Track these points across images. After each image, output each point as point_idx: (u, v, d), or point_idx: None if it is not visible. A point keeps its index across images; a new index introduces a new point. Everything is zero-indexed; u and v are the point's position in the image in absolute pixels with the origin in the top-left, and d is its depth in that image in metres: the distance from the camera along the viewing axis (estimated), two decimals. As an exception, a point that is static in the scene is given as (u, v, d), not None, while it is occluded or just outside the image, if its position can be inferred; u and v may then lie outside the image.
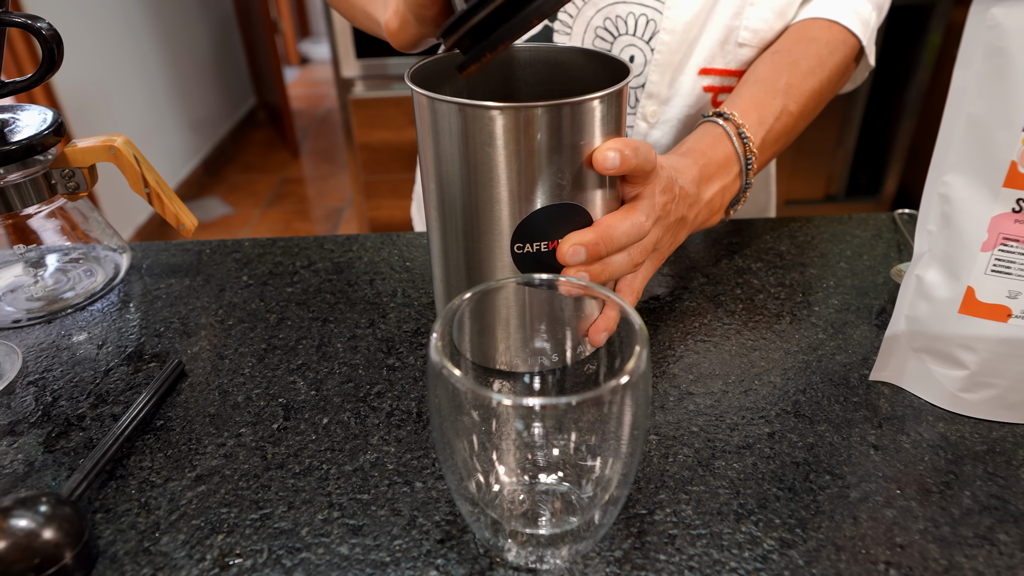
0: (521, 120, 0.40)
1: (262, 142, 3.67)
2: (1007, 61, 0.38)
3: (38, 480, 0.44)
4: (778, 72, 0.65)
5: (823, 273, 0.62)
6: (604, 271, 0.47)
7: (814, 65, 0.66)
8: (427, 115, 0.43)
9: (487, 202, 0.43)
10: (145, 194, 0.59)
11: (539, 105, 0.40)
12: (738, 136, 0.59)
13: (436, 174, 0.45)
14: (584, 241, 0.44)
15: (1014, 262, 0.42)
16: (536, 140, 0.41)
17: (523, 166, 0.42)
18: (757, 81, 0.65)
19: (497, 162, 0.42)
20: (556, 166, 0.42)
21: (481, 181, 0.43)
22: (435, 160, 0.44)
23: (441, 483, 0.43)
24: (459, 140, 0.42)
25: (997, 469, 0.43)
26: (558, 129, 0.41)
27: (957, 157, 0.42)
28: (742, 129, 0.59)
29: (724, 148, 0.59)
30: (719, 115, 0.61)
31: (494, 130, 0.41)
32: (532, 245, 0.44)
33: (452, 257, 0.47)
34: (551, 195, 0.43)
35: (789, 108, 0.64)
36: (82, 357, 0.55)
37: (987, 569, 0.37)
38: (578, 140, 0.42)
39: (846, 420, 0.47)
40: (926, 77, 2.26)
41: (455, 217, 0.45)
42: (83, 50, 2.30)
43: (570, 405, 0.30)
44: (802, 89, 0.65)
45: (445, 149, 0.43)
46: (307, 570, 0.38)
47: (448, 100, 0.41)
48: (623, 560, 0.38)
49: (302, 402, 0.50)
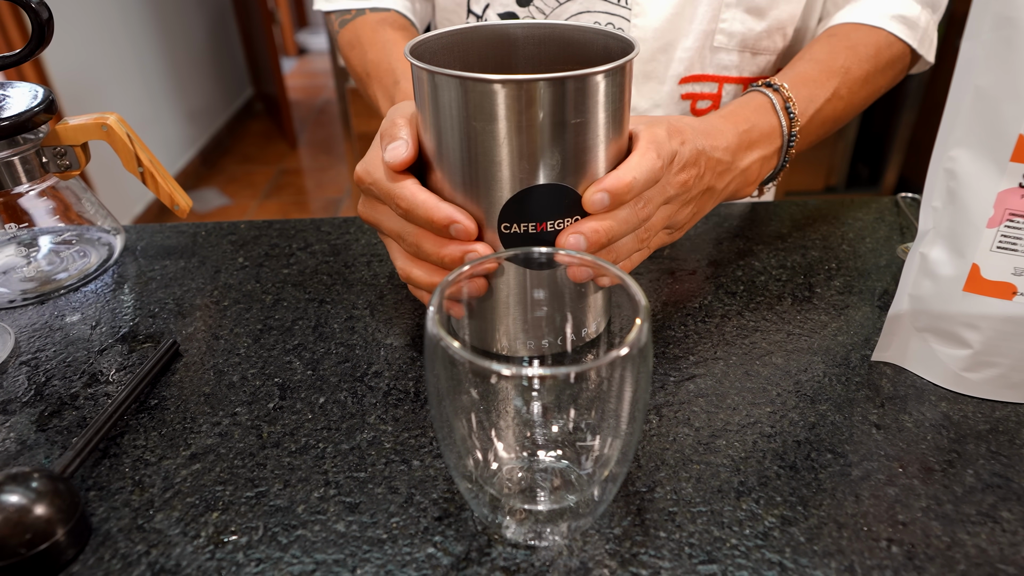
0: (520, 93, 0.39)
1: (260, 133, 3.66)
2: (1016, 31, 0.37)
3: (31, 458, 0.43)
4: (835, 53, 0.62)
5: (825, 255, 0.62)
6: (611, 255, 0.46)
7: (872, 53, 0.64)
8: (426, 89, 0.42)
9: (481, 178, 0.42)
10: (139, 173, 0.59)
11: (539, 78, 0.39)
12: (784, 110, 0.56)
13: (436, 151, 0.44)
14: (585, 231, 0.43)
15: (1020, 238, 0.41)
16: (534, 114, 0.40)
17: (519, 141, 0.41)
18: (812, 59, 0.62)
19: (494, 136, 0.41)
20: (553, 143, 0.41)
21: (475, 157, 0.42)
22: (434, 136, 0.43)
23: (439, 462, 0.42)
24: (456, 113, 0.41)
25: (1000, 448, 0.43)
26: (558, 104, 0.40)
27: (963, 131, 0.41)
28: (789, 104, 0.57)
29: (769, 119, 0.56)
30: (768, 85, 0.58)
31: (492, 103, 0.40)
32: (520, 226, 0.43)
33: None
34: (544, 174, 0.42)
35: (841, 92, 0.61)
36: (75, 337, 0.54)
37: (990, 546, 0.37)
38: (577, 117, 0.41)
39: (848, 400, 0.46)
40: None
41: (448, 196, 0.44)
42: (78, 38, 2.29)
43: (569, 376, 0.30)
44: (856, 75, 0.62)
45: (442, 124, 0.42)
46: (303, 547, 0.37)
47: (446, 73, 0.40)
48: (622, 537, 0.37)
49: (298, 382, 0.49)
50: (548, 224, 0.43)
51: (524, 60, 0.50)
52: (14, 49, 0.49)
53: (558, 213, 0.43)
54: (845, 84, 0.61)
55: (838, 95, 0.61)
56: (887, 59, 0.65)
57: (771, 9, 0.65)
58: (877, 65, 0.64)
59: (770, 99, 0.57)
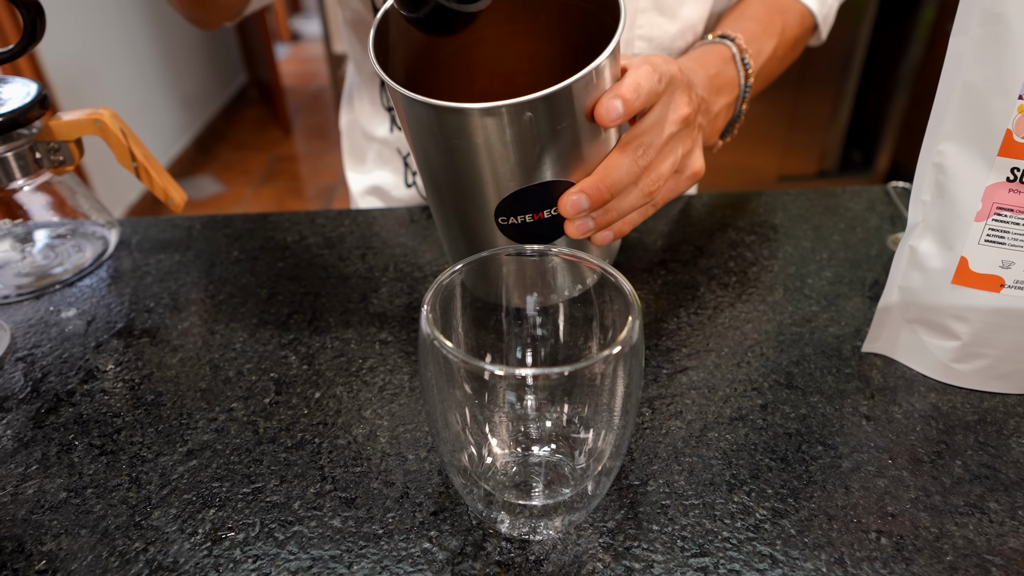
0: (494, 120, 0.38)
1: (254, 119, 3.64)
2: (1004, 27, 0.37)
3: (27, 456, 0.44)
4: (771, 14, 0.64)
5: (816, 246, 0.62)
6: (613, 214, 0.43)
7: (798, 20, 0.66)
8: (402, 108, 0.41)
9: (467, 183, 0.42)
10: (133, 168, 0.58)
11: (512, 104, 0.37)
12: (742, 62, 0.57)
13: (420, 156, 0.43)
14: (585, 188, 0.41)
15: (1008, 232, 0.42)
16: (510, 134, 0.39)
17: (499, 158, 0.40)
18: (753, 17, 0.63)
19: (472, 154, 0.40)
20: (536, 154, 0.40)
21: (458, 167, 0.41)
22: (416, 143, 0.43)
23: (434, 456, 0.43)
24: (432, 132, 0.40)
25: (988, 439, 0.43)
26: (534, 120, 0.38)
27: (952, 126, 0.41)
28: (745, 55, 0.57)
29: (730, 68, 0.57)
30: (724, 36, 0.59)
31: (466, 127, 0.39)
32: (516, 218, 0.43)
33: (450, 226, 0.47)
34: (531, 178, 0.41)
35: (778, 52, 0.63)
36: (71, 333, 0.54)
37: (977, 537, 0.37)
38: (559, 124, 0.39)
39: (838, 391, 0.47)
40: (919, 53, 2.25)
41: (442, 193, 0.44)
42: (70, 26, 2.27)
43: (563, 375, 0.30)
44: (789, 37, 0.64)
45: (421, 135, 0.41)
46: (299, 543, 0.38)
47: (418, 99, 0.38)
48: (616, 530, 0.38)
49: (294, 376, 0.49)
50: (545, 212, 0.43)
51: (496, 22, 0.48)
52: (9, 44, 0.48)
53: (554, 201, 0.43)
54: (782, 45, 0.63)
55: (776, 55, 0.63)
56: (806, 29, 0.68)
57: (680, 8, 0.65)
58: (801, 31, 0.67)
59: (731, 49, 0.58)
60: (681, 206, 0.69)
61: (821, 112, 2.36)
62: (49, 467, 0.43)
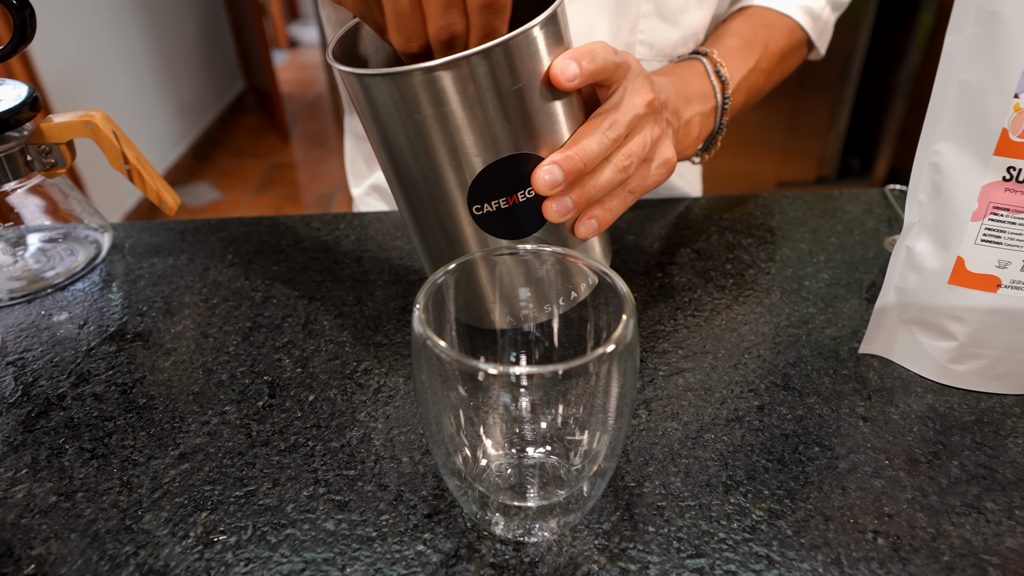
0: (455, 75, 0.37)
1: (252, 127, 3.64)
2: (1000, 25, 0.37)
3: (17, 460, 0.43)
4: (754, 29, 0.64)
5: (813, 248, 0.62)
6: (590, 190, 0.43)
7: (785, 34, 0.67)
8: (357, 92, 0.40)
9: (440, 170, 0.40)
10: (125, 171, 0.58)
11: (469, 54, 0.36)
12: (716, 74, 0.58)
13: (385, 149, 0.42)
14: (556, 159, 0.40)
15: (1004, 231, 0.42)
16: (469, 95, 0.37)
17: (465, 124, 0.38)
18: (734, 33, 0.64)
19: (438, 125, 0.39)
20: (501, 115, 0.39)
21: (429, 149, 0.40)
22: (379, 136, 0.42)
23: (428, 458, 0.42)
24: (395, 110, 0.39)
25: (985, 439, 0.43)
26: (491, 76, 0.37)
27: (948, 125, 0.41)
28: (719, 67, 0.58)
29: (701, 80, 0.57)
30: (697, 52, 0.59)
31: (426, 93, 0.38)
32: (491, 204, 0.41)
33: (427, 232, 0.45)
34: (502, 147, 0.40)
35: (761, 65, 0.63)
36: (63, 337, 0.54)
37: (974, 537, 0.37)
38: (518, 81, 0.38)
39: (835, 392, 0.47)
40: (917, 59, 2.26)
41: (416, 190, 0.43)
42: (67, 32, 2.27)
43: (556, 373, 0.30)
44: (773, 51, 0.64)
45: (385, 123, 0.40)
46: (292, 546, 0.37)
47: (372, 73, 0.38)
48: (611, 532, 0.38)
49: (288, 379, 0.49)
50: (519, 195, 0.41)
51: None
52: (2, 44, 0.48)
53: (526, 181, 0.41)
54: (765, 58, 0.64)
55: (759, 68, 0.63)
56: (795, 42, 0.68)
57: (683, 15, 0.65)
58: (789, 45, 0.67)
59: (702, 63, 0.58)
60: (679, 209, 0.69)
61: (820, 118, 2.37)
62: (39, 471, 0.42)
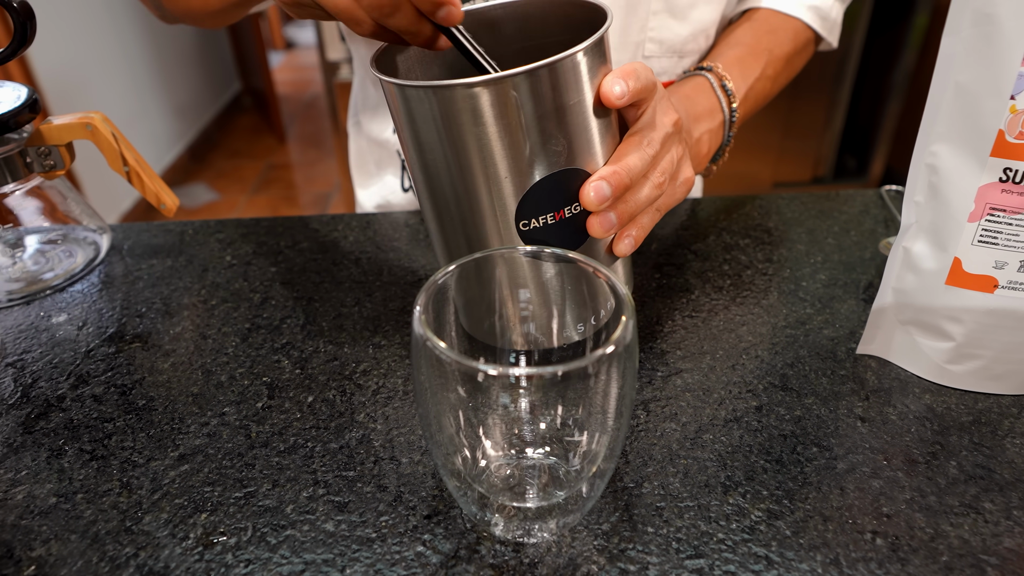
0: (501, 93, 0.38)
1: (248, 127, 3.63)
2: (995, 27, 0.38)
3: (17, 462, 0.43)
4: (758, 36, 0.65)
5: (811, 249, 0.62)
6: (631, 205, 0.43)
7: (790, 36, 0.67)
8: (398, 103, 0.41)
9: (481, 185, 0.41)
10: (124, 173, 0.58)
11: (516, 73, 0.37)
12: (721, 88, 0.59)
13: (420, 162, 0.42)
14: (604, 175, 0.41)
15: (1000, 232, 0.42)
16: (522, 111, 0.39)
17: (512, 141, 0.39)
18: (739, 43, 0.64)
19: (484, 143, 0.39)
20: (549, 133, 0.40)
21: (470, 164, 0.40)
22: (416, 149, 0.42)
23: (428, 459, 0.42)
24: (438, 125, 0.39)
25: (983, 439, 0.43)
26: (543, 94, 0.38)
27: (944, 127, 0.42)
28: (725, 81, 0.59)
29: (707, 96, 0.58)
30: (701, 68, 0.60)
31: (474, 109, 0.38)
32: (539, 219, 0.42)
33: (454, 245, 0.45)
34: (548, 164, 0.41)
35: (767, 72, 0.64)
36: (62, 338, 0.54)
37: (972, 537, 0.37)
38: (567, 100, 0.39)
39: (833, 393, 0.47)
40: (912, 59, 2.26)
41: (449, 205, 0.43)
42: (64, 34, 2.27)
43: (556, 375, 0.30)
44: (779, 56, 0.65)
45: (425, 136, 0.41)
46: (292, 547, 0.37)
47: (417, 85, 0.38)
48: (610, 533, 0.38)
49: (287, 381, 0.49)
50: (566, 210, 0.42)
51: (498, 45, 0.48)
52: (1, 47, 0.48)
53: (573, 197, 0.42)
54: (771, 64, 0.64)
55: (765, 75, 0.64)
56: (802, 43, 0.69)
57: (691, 10, 0.65)
58: (795, 48, 0.68)
59: (707, 79, 0.59)
60: (677, 210, 0.69)
61: (815, 119, 2.37)
62: (39, 472, 0.42)
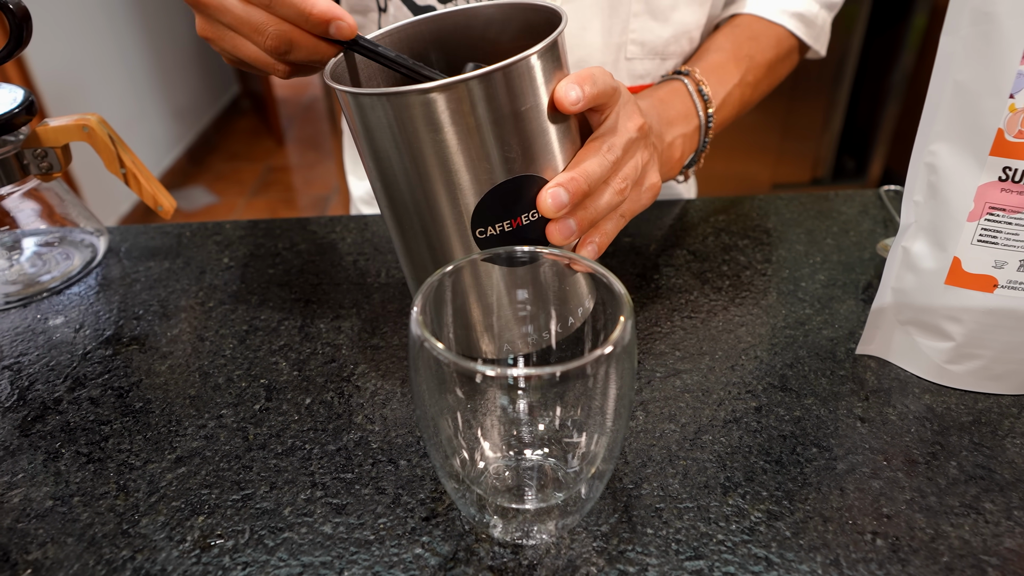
0: (454, 98, 0.37)
1: (247, 130, 3.63)
2: (994, 26, 0.37)
3: (13, 465, 0.43)
4: (739, 42, 0.65)
5: (810, 249, 0.62)
6: (592, 212, 0.43)
7: (773, 43, 0.67)
8: (352, 111, 0.40)
9: (439, 192, 0.40)
10: (121, 175, 0.58)
11: (469, 77, 0.36)
12: (698, 93, 0.58)
13: (378, 171, 0.42)
14: (561, 181, 0.40)
15: (1000, 231, 0.42)
16: (475, 116, 0.38)
17: (467, 147, 0.39)
18: (719, 48, 0.64)
19: (439, 149, 0.39)
20: (503, 139, 0.39)
21: (427, 172, 0.40)
22: (373, 157, 0.41)
23: (426, 461, 0.42)
24: (394, 132, 0.39)
25: (983, 439, 0.43)
26: (496, 98, 0.38)
27: (943, 126, 0.41)
28: (701, 86, 0.58)
29: (683, 100, 0.58)
30: (678, 72, 0.60)
31: (428, 115, 0.38)
32: (495, 227, 0.41)
33: (416, 253, 0.44)
34: (504, 171, 0.40)
35: (747, 78, 0.63)
36: (59, 341, 0.54)
37: (973, 537, 0.37)
38: (521, 105, 0.39)
39: (833, 393, 0.47)
40: (911, 60, 2.26)
41: (408, 213, 0.42)
42: (62, 36, 2.27)
43: (554, 375, 0.30)
44: (760, 62, 0.65)
45: (381, 144, 0.40)
46: (290, 549, 0.37)
47: (370, 92, 0.38)
48: (610, 534, 0.38)
49: (284, 383, 0.49)
50: (523, 218, 0.41)
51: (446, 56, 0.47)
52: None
53: (531, 204, 0.41)
54: (751, 71, 0.64)
55: (745, 81, 0.64)
56: (785, 50, 0.69)
57: (672, 12, 0.65)
58: (778, 55, 0.68)
59: (683, 83, 0.59)
60: (675, 211, 0.69)
61: (814, 120, 2.37)
62: (35, 475, 0.42)
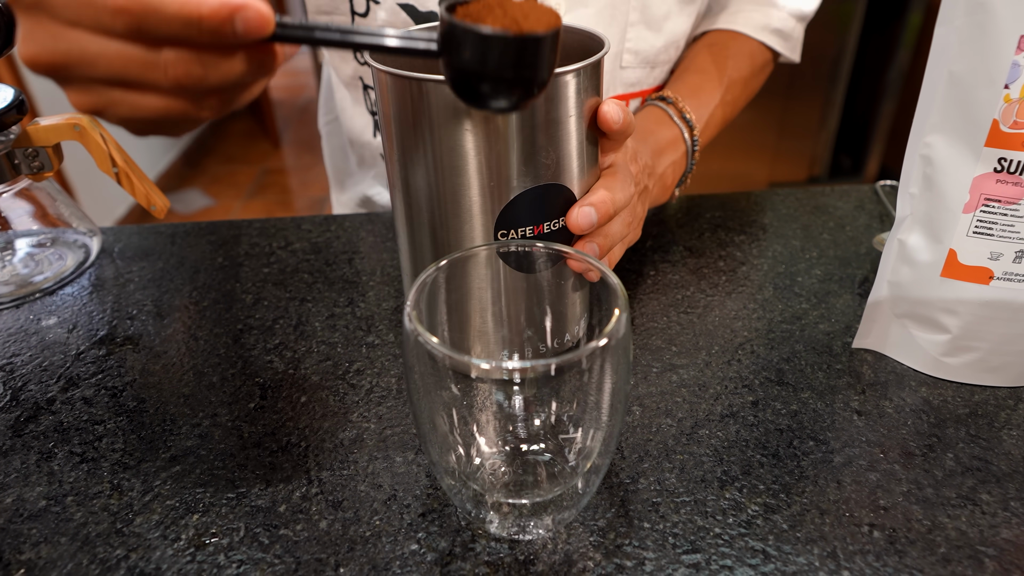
0: None
1: (242, 132, 3.63)
2: (989, 16, 0.37)
3: (6, 465, 0.43)
4: (717, 62, 0.66)
5: (806, 244, 0.62)
6: (610, 240, 0.45)
7: (748, 61, 0.69)
8: (388, 94, 0.39)
9: (462, 188, 0.40)
10: (113, 174, 0.58)
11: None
12: (682, 119, 0.60)
13: (400, 160, 0.41)
14: (594, 201, 0.42)
15: (996, 223, 0.42)
16: (519, 117, 0.38)
17: (505, 147, 0.38)
18: (698, 70, 0.66)
19: (474, 144, 0.38)
20: (540, 145, 0.39)
21: (455, 165, 0.39)
22: (399, 144, 0.41)
23: (422, 458, 0.42)
24: (428, 122, 0.38)
25: (979, 431, 0.43)
26: (554, 100, 0.38)
27: (939, 117, 0.41)
28: (685, 112, 0.60)
29: (669, 128, 0.59)
30: (661, 99, 0.61)
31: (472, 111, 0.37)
32: (518, 231, 0.41)
33: (420, 246, 0.44)
34: (535, 176, 0.40)
35: (727, 98, 0.65)
36: (52, 341, 0.53)
37: (970, 528, 0.37)
38: (561, 114, 0.39)
39: (829, 387, 0.47)
40: (907, 58, 2.27)
41: (421, 205, 0.42)
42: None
43: (549, 368, 0.30)
44: (736, 79, 0.67)
45: (411, 131, 0.39)
46: (285, 546, 0.37)
47: (412, 76, 0.37)
48: (607, 528, 0.37)
49: (279, 381, 0.49)
50: (545, 226, 0.42)
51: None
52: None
53: (555, 213, 0.42)
54: (730, 91, 0.66)
55: (724, 100, 0.66)
56: (760, 64, 0.71)
57: (665, 22, 0.66)
58: (752, 70, 0.70)
59: (666, 111, 0.61)
60: (671, 206, 0.69)
61: (810, 119, 2.37)
62: (28, 475, 0.42)
